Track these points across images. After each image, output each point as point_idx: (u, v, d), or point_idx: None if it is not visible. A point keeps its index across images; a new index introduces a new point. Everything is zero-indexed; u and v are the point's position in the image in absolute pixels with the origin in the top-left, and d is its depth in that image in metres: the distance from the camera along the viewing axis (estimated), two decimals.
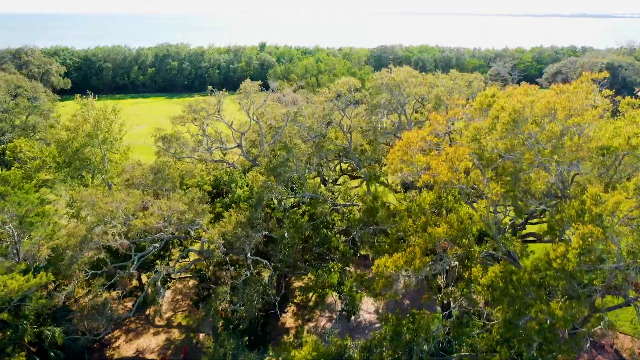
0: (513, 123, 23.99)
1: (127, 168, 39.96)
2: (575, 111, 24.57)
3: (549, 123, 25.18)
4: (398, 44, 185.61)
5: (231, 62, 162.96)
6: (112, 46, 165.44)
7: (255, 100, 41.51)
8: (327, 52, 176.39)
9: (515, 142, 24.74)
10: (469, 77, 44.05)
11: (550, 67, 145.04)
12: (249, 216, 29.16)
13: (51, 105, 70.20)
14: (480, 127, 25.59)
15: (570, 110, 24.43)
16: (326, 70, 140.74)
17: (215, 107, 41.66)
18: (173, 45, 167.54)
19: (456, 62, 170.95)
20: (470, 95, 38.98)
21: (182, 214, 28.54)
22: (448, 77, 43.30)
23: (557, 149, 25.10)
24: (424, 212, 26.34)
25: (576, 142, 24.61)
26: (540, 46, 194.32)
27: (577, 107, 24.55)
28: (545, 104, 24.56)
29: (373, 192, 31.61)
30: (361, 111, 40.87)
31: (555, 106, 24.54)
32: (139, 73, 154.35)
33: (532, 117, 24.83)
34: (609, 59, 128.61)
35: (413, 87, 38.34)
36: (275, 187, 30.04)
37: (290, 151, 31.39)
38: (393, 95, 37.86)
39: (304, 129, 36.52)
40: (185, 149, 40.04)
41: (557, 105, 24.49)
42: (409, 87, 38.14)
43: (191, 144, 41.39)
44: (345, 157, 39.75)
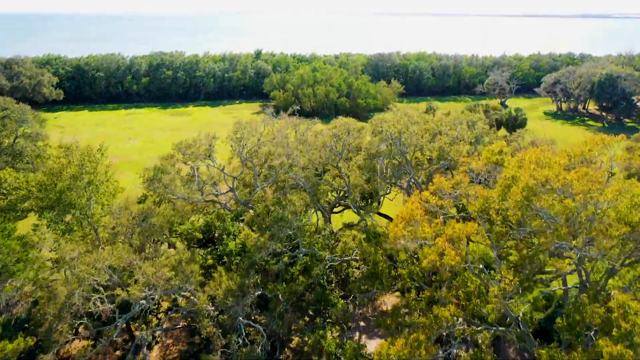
0: (526, 202, 22.29)
1: (114, 210, 38.05)
2: (594, 188, 22.73)
3: (564, 199, 23.39)
4: (395, 51, 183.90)
5: (226, 70, 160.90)
6: (105, 54, 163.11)
7: (247, 143, 39.47)
8: (323, 59, 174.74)
9: (527, 216, 23.02)
10: (472, 117, 42.31)
11: (549, 77, 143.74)
12: (240, 282, 27.42)
13: (39, 129, 67.94)
14: (488, 196, 23.87)
15: (590, 191, 22.60)
16: (322, 80, 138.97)
17: (205, 150, 39.39)
18: (167, 54, 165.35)
19: (454, 70, 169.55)
20: (474, 140, 37.29)
21: (168, 280, 26.78)
22: (450, 119, 41.47)
23: (574, 226, 23.32)
24: (428, 284, 24.69)
25: (597, 227, 22.50)
26: (538, 53, 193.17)
27: (596, 190, 22.41)
28: (562, 181, 22.84)
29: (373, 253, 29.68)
30: (360, 159, 39.00)
31: (572, 184, 22.79)
32: (133, 82, 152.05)
33: (546, 190, 23.07)
34: (608, 70, 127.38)
35: (414, 137, 36.48)
36: (268, 247, 28.31)
37: (285, 207, 29.66)
38: (394, 143, 36.03)
39: (299, 182, 34.74)
40: (176, 190, 37.90)
41: (575, 184, 22.71)
42: (410, 137, 36.35)
43: (180, 185, 39.30)
44: (343, 200, 38.00)
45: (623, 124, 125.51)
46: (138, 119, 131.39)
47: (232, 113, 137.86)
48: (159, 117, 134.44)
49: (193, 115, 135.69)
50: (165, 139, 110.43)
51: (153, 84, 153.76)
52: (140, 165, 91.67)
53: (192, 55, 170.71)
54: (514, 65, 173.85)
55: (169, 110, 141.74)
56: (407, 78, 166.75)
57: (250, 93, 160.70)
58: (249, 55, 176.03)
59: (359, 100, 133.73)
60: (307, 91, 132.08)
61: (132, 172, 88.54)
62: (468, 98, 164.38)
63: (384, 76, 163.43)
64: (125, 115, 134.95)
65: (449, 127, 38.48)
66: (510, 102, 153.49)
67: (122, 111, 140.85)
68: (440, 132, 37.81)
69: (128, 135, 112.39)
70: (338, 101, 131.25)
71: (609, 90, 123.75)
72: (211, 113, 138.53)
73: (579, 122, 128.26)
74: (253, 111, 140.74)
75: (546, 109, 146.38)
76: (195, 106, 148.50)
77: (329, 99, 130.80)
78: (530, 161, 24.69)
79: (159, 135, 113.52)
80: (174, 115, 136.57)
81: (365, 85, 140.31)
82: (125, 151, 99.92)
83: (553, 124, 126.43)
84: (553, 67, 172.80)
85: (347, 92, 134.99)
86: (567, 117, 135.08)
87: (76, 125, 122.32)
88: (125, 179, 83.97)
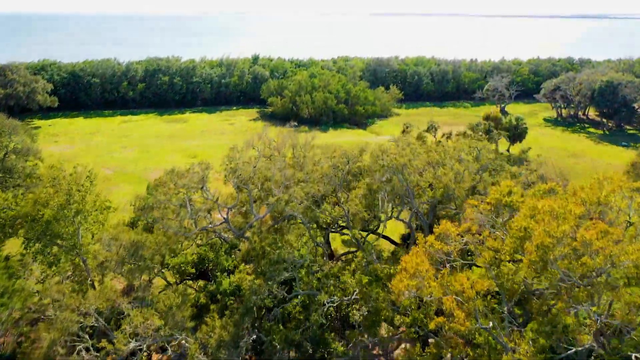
0: (542, 263, 20.95)
1: (104, 240, 36.60)
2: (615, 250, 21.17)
3: (583, 257, 21.94)
4: (394, 56, 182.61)
5: (223, 76, 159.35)
6: (101, 59, 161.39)
7: (242, 173, 37.76)
8: (321, 64, 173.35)
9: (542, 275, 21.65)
10: (476, 144, 40.93)
11: (549, 83, 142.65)
12: (234, 333, 26.03)
13: (31, 143, 66.41)
14: (499, 248, 22.52)
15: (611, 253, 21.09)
16: (320, 86, 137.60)
17: (199, 181, 37.53)
18: (163, 59, 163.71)
19: (453, 75, 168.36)
20: (479, 172, 35.91)
21: (157, 329, 25.42)
22: (454, 148, 39.86)
23: (593, 286, 21.79)
24: (435, 332, 23.35)
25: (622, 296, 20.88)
26: (537, 57, 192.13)
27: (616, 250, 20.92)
28: (580, 238, 21.44)
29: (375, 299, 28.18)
30: (360, 192, 37.45)
31: (591, 242, 21.35)
32: (129, 88, 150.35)
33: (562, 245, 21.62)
34: (608, 77, 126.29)
35: (417, 173, 34.94)
36: (264, 291, 26.96)
37: (281, 248, 28.31)
38: (396, 176, 34.55)
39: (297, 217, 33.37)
40: (168, 224, 36.21)
41: (594, 242, 21.24)
42: (414, 174, 34.86)
43: (172, 217, 37.60)
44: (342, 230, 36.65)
45: (624, 131, 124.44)
46: (134, 126, 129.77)
47: (229, 120, 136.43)
48: (155, 124, 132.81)
49: (189, 122, 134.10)
50: (161, 147, 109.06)
51: (149, 90, 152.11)
52: (135, 177, 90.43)
53: (188, 60, 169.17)
54: (513, 70, 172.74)
55: (165, 117, 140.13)
56: (405, 83, 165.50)
57: (248, 99, 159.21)
58: (246, 60, 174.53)
59: (357, 106, 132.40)
60: (305, 98, 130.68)
61: (127, 184, 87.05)
62: (467, 103, 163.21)
63: (383, 81, 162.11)
64: (121, 123, 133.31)
65: (454, 160, 36.91)
66: (510, 108, 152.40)
67: (117, 118, 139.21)
68: (445, 164, 36.33)
69: (123, 144, 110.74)
70: (336, 108, 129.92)
71: (610, 98, 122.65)
72: (208, 120, 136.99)
73: (579, 130, 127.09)
74: (250, 118, 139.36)
75: (546, 115, 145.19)
76: (192, 112, 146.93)
77: (327, 106, 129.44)
78: (544, 211, 23.28)
79: (154, 143, 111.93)
80: (170, 122, 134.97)
81: (364, 91, 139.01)
82: (119, 162, 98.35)
83: (553, 131, 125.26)
84: (552, 72, 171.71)
85: (346, 98, 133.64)
86: (568, 123, 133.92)
87: (71, 133, 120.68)
88: (119, 193, 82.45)
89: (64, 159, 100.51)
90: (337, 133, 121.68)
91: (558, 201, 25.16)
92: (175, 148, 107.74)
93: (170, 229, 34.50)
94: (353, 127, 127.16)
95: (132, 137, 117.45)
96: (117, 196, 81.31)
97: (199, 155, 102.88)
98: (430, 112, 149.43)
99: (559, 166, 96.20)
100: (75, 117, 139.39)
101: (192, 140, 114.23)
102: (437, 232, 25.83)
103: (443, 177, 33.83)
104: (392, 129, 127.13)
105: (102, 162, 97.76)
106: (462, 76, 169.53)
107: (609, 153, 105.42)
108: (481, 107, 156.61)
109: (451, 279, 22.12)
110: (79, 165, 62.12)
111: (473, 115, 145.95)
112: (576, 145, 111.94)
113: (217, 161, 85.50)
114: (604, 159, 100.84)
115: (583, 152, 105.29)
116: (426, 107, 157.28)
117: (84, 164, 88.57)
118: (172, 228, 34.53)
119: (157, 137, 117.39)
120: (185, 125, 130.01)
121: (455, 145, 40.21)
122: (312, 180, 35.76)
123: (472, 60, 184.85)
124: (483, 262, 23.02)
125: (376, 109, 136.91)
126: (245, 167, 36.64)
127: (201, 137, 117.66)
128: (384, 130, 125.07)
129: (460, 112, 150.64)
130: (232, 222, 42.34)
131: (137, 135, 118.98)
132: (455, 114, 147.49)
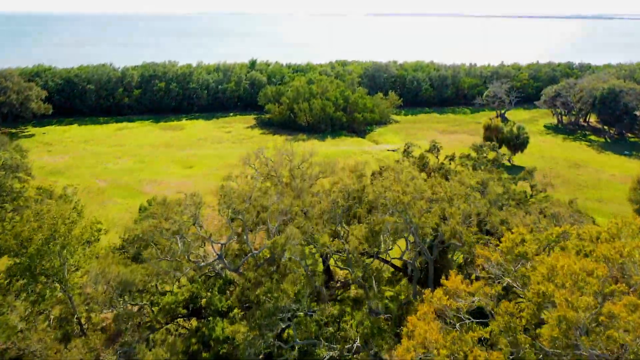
0: (565, 339, 19.24)
1: (91, 274, 34.70)
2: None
3: (608, 330, 20.27)
4: (392, 60, 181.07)
5: (220, 82, 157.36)
6: (96, 65, 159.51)
7: (236, 206, 35.87)
8: (319, 70, 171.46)
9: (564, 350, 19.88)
10: (482, 176, 39.22)
11: (549, 90, 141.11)
12: None
13: (20, 160, 64.42)
14: (512, 310, 20.81)
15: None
16: (318, 93, 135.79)
17: (190, 218, 35.55)
18: (160, 64, 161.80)
19: (452, 80, 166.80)
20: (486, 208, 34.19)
21: None
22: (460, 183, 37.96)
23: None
24: None
25: None
26: (537, 62, 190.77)
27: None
28: (606, 312, 19.71)
29: None
30: (361, 234, 35.59)
31: (619, 316, 19.62)
32: (124, 95, 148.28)
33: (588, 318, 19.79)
34: (610, 84, 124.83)
35: (420, 215, 33.07)
36: (258, 346, 25.21)
37: (277, 299, 26.53)
38: (400, 215, 32.83)
39: (295, 261, 31.56)
40: (158, 264, 34.32)
41: (623, 315, 19.52)
42: (418, 215, 33.06)
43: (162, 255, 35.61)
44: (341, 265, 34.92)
45: (626, 139, 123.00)
46: (129, 134, 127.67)
47: (225, 127, 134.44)
48: (151, 131, 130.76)
49: (186, 130, 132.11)
50: (157, 157, 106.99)
51: (145, 96, 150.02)
52: (129, 190, 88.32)
53: (185, 65, 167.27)
54: (512, 76, 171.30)
55: (161, 124, 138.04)
56: (404, 89, 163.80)
57: (245, 104, 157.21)
58: (243, 65, 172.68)
59: (356, 114, 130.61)
60: (303, 105, 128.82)
61: (121, 198, 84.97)
62: (467, 109, 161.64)
63: (381, 87, 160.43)
64: (116, 130, 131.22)
65: (461, 200, 34.94)
66: (510, 114, 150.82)
67: (113, 125, 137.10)
68: (452, 199, 34.49)
69: (117, 153, 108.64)
70: (335, 115, 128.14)
71: (612, 105, 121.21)
72: (204, 127, 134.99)
73: (580, 137, 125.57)
74: (247, 125, 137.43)
75: (546, 121, 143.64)
76: (189, 119, 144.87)
77: (325, 114, 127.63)
78: (564, 273, 21.46)
79: (150, 153, 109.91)
80: (167, 129, 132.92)
81: (363, 98, 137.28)
82: (113, 173, 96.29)
83: (554, 139, 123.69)
84: (552, 78, 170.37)
85: (344, 105, 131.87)
86: (569, 131, 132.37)
87: (65, 142, 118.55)
88: (113, 207, 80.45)
89: (57, 170, 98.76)
90: (336, 142, 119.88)
91: (578, 262, 23.23)
92: (171, 158, 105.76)
93: (161, 268, 32.71)
94: (352, 135, 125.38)
95: (127, 146, 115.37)
96: (111, 211, 79.46)
97: (194, 165, 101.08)
98: (429, 119, 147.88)
99: (562, 175, 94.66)
100: (70, 124, 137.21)
101: (188, 150, 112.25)
102: (447, 283, 24.12)
103: (450, 220, 32.04)
104: (392, 136, 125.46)
105: (96, 174, 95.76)
106: (462, 81, 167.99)
107: (612, 163, 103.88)
108: (481, 113, 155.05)
109: (462, 344, 20.41)
110: (70, 185, 60.20)
111: (473, 122, 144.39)
112: (578, 154, 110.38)
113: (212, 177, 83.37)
114: (607, 169, 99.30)
115: (586, 162, 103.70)
116: (425, 114, 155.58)
117: (74, 183, 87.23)
118: (163, 268, 32.74)
119: (152, 146, 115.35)
120: (182, 133, 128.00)
121: (460, 179, 38.30)
122: (311, 216, 33.97)
123: (471, 65, 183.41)
124: (496, 328, 21.29)
125: (375, 116, 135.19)
126: (240, 200, 34.82)
127: (197, 146, 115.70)
128: (382, 139, 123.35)
129: (459, 119, 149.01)
130: (227, 247, 40.60)
131: (132, 144, 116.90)
132: (454, 121, 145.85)
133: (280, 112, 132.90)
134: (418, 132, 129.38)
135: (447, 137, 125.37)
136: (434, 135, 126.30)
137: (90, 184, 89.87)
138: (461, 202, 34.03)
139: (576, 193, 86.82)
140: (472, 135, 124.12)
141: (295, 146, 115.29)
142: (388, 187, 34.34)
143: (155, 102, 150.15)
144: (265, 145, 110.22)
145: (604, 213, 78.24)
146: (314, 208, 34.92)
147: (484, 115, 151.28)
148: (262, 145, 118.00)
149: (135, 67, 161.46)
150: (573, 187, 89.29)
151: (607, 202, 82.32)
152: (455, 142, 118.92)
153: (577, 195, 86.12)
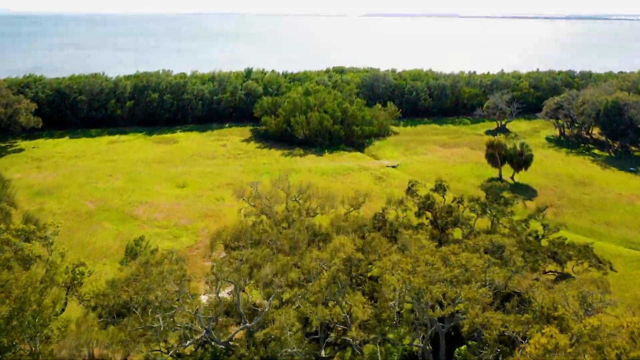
0: None
1: (70, 346, 31.33)
2: None
3: None
4: (390, 69, 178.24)
5: (215, 92, 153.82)
6: (88, 75, 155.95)
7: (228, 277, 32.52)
8: (316, 79, 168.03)
9: None
10: (499, 240, 36.12)
11: (551, 101, 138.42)
12: None
13: (1, 190, 61.09)
14: None
15: None
16: (315, 105, 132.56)
17: (174, 295, 31.88)
18: (153, 74, 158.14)
19: (451, 90, 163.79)
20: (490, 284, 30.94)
21: None
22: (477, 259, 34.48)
23: None
24: None
25: None
26: (537, 70, 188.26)
27: None
28: None
29: None
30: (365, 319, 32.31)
31: None
32: (117, 106, 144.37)
33: None
34: (614, 97, 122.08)
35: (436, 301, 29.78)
36: None
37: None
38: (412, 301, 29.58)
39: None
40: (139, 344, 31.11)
41: None
42: (432, 302, 29.82)
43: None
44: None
45: (630, 153, 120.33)
46: (121, 148, 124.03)
47: (220, 140, 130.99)
48: (144, 145, 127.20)
49: (180, 143, 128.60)
50: (149, 174, 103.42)
51: (138, 107, 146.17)
52: (118, 213, 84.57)
53: (179, 74, 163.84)
54: (512, 85, 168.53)
55: (155, 137, 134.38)
56: (403, 99, 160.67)
57: (241, 115, 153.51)
58: (239, 74, 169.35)
59: (354, 127, 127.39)
60: (300, 118, 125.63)
61: (110, 222, 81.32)
62: (467, 120, 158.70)
63: (379, 97, 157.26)
64: (108, 144, 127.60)
65: (479, 284, 31.59)
66: (511, 125, 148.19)
67: (105, 138, 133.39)
68: (469, 280, 31.07)
69: (108, 171, 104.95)
70: (332, 129, 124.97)
71: (616, 119, 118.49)
72: (199, 140, 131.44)
73: (584, 151, 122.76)
74: (243, 138, 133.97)
75: (548, 133, 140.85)
76: (183, 131, 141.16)
77: (322, 127, 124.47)
78: None
79: (142, 170, 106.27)
80: (160, 142, 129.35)
81: (361, 110, 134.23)
82: (103, 193, 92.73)
83: (557, 153, 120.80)
84: (553, 87, 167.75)
85: (342, 118, 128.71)
86: (571, 144, 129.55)
87: (55, 157, 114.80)
88: (101, 233, 77.00)
89: (45, 190, 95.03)
90: (334, 157, 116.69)
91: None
92: (164, 176, 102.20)
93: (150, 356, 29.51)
94: (350, 150, 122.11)
95: (119, 162, 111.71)
96: (99, 237, 75.98)
97: (188, 184, 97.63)
98: (429, 131, 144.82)
99: (567, 195, 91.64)
100: (61, 136, 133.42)
101: (181, 167, 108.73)
102: None
103: (470, 311, 28.84)
104: (391, 151, 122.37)
105: (85, 194, 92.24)
106: (461, 91, 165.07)
107: (618, 180, 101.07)
108: (481, 124, 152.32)
109: None
110: (52, 224, 56.69)
111: (473, 133, 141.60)
112: (583, 170, 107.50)
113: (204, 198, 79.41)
114: (613, 187, 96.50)
115: (590, 179, 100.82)
116: (425, 125, 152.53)
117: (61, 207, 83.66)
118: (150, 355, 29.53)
119: (144, 162, 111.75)
120: (175, 147, 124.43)
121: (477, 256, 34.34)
122: (310, 291, 30.81)
123: (470, 74, 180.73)
124: None
125: (373, 128, 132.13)
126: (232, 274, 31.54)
127: (191, 162, 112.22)
128: (382, 153, 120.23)
129: (460, 130, 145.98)
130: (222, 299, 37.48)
131: (124, 160, 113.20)
132: (455, 132, 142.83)
133: (276, 125, 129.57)
134: (418, 146, 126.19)
135: (448, 151, 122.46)
136: (435, 149, 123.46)
137: (79, 207, 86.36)
138: (480, 275, 30.62)
139: (583, 215, 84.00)
140: (473, 149, 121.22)
141: (293, 162, 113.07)
142: (396, 264, 31.10)
143: (148, 114, 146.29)
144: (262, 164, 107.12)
145: (613, 238, 75.45)
146: (313, 280, 31.52)
147: (484, 126, 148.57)
148: (257, 159, 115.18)
149: (129, 76, 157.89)
150: (579, 209, 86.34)
151: (616, 226, 79.41)
152: (457, 157, 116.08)
153: (584, 218, 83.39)
